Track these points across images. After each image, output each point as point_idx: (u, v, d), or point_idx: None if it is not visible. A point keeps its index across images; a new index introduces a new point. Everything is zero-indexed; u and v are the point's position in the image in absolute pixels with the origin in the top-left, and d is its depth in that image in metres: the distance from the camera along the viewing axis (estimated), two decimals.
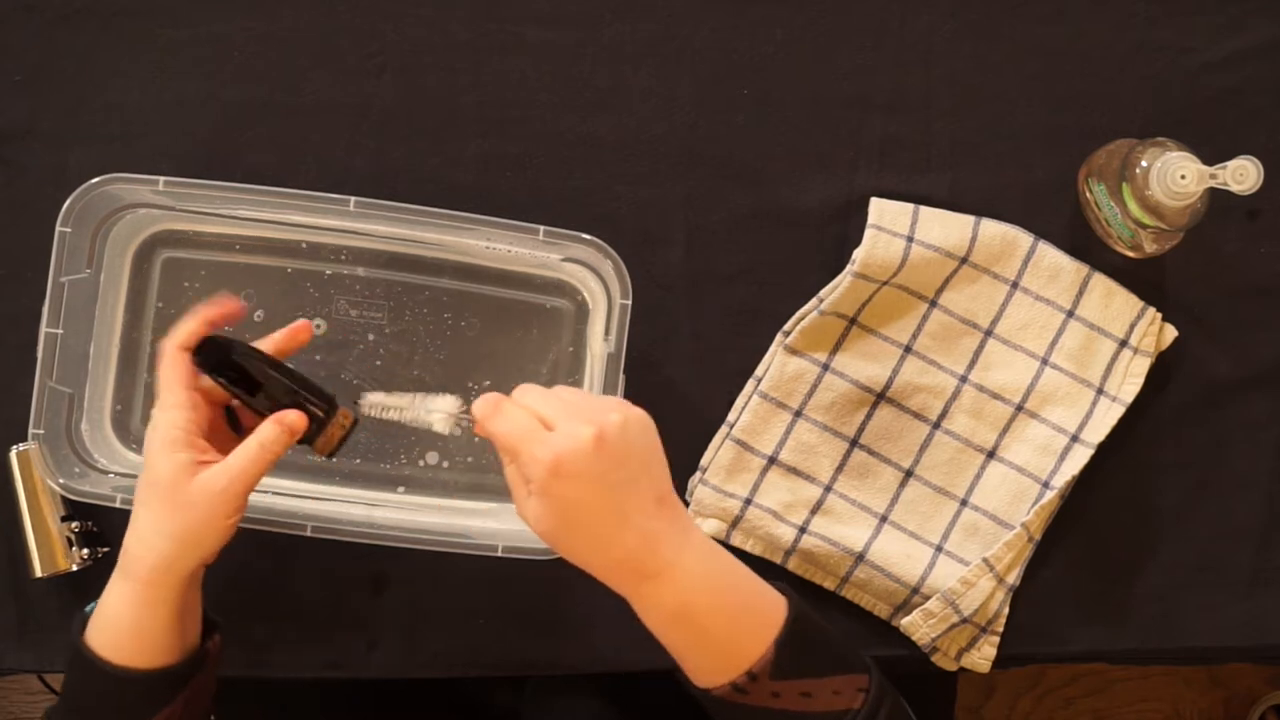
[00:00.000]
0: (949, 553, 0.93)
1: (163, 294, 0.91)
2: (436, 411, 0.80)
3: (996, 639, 0.93)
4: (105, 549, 0.89)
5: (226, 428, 0.81)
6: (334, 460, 0.88)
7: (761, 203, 0.94)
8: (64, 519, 0.88)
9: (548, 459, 0.68)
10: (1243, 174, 0.82)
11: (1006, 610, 0.93)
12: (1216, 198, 0.85)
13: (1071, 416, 0.93)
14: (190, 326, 0.78)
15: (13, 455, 0.88)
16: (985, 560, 0.91)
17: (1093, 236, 0.95)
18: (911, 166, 0.95)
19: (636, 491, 0.71)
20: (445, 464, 0.92)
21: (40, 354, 0.84)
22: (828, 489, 0.93)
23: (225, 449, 0.76)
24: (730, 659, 0.72)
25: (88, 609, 0.78)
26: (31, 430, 0.84)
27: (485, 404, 0.72)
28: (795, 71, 0.95)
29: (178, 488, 0.74)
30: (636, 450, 0.71)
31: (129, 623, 0.75)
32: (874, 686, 0.74)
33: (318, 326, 0.91)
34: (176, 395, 0.76)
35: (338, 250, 0.91)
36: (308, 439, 0.78)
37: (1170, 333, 0.94)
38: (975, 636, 0.93)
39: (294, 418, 0.76)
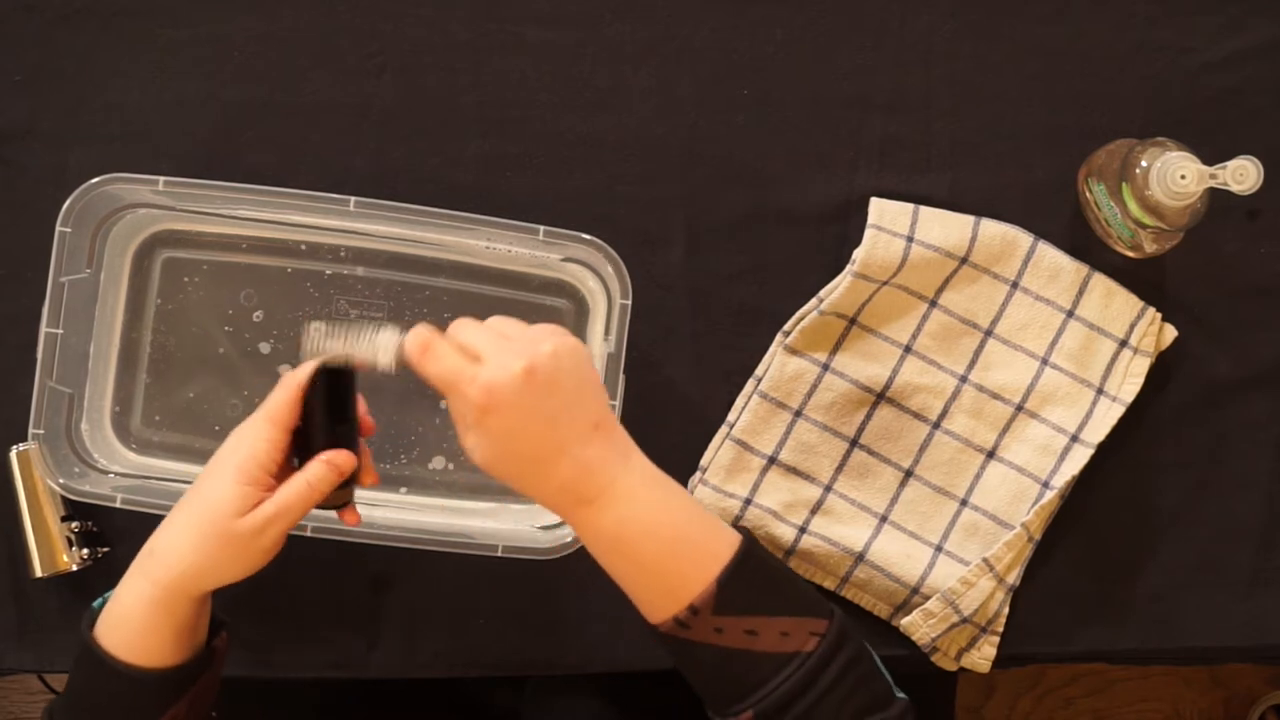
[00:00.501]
0: (949, 553, 0.93)
1: (163, 294, 0.91)
2: (379, 349, 0.76)
3: (996, 639, 0.93)
4: (105, 549, 0.90)
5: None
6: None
7: (761, 203, 0.94)
8: (64, 519, 0.88)
9: (478, 394, 0.69)
10: (1243, 174, 0.82)
11: (1006, 610, 0.93)
12: (1216, 198, 0.85)
13: (1071, 416, 0.93)
14: (310, 368, 0.77)
15: (13, 455, 0.88)
16: (985, 560, 0.91)
17: (1093, 236, 0.95)
18: (911, 166, 0.95)
19: (571, 419, 0.71)
20: (449, 465, 0.92)
21: (40, 354, 0.84)
22: (828, 489, 0.93)
23: (282, 479, 0.76)
24: (671, 591, 0.72)
25: (96, 604, 0.78)
26: (31, 430, 0.84)
27: (415, 343, 0.72)
28: (795, 71, 0.95)
29: (229, 517, 0.74)
30: (569, 379, 0.71)
31: (142, 623, 0.74)
32: (832, 632, 0.72)
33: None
34: (271, 430, 0.75)
35: (338, 250, 0.91)
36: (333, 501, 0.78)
37: (1170, 333, 0.94)
38: (975, 636, 0.93)
39: (343, 459, 0.76)
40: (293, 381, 0.76)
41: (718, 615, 0.71)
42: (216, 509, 0.74)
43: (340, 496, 0.78)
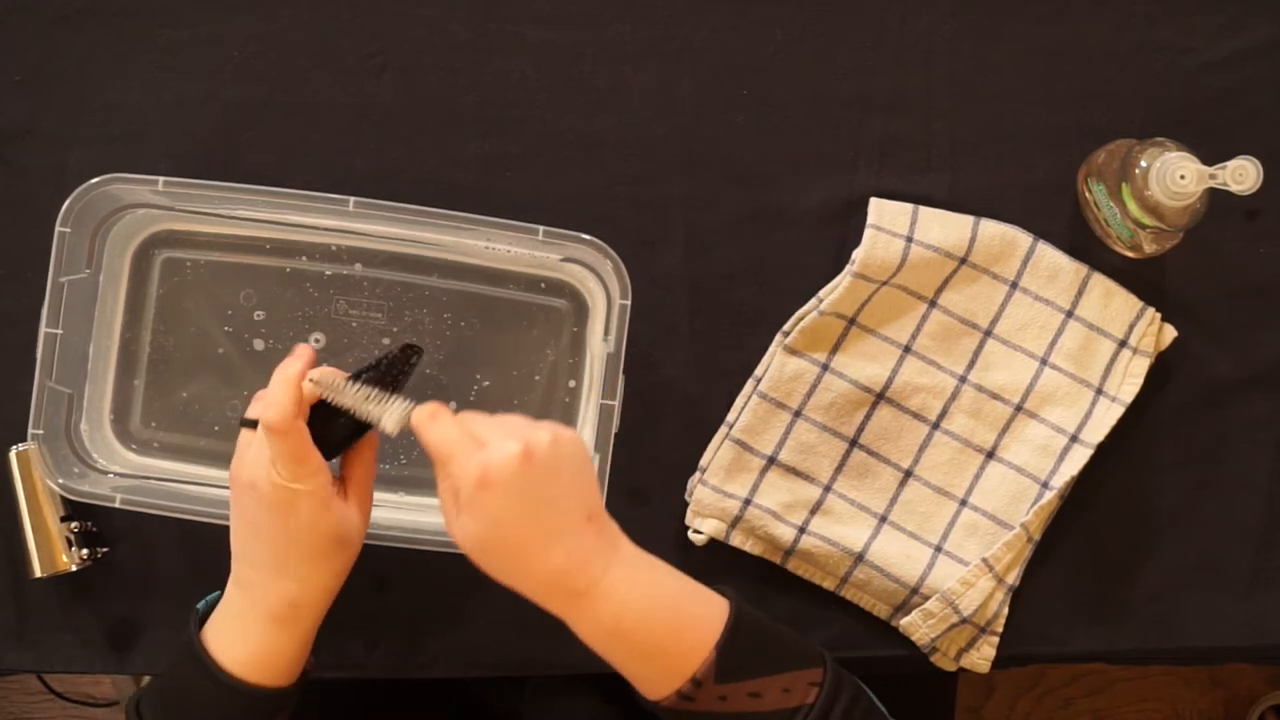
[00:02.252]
0: (948, 553, 0.93)
1: (162, 294, 0.91)
2: (388, 410, 0.76)
3: (996, 639, 0.93)
4: (105, 549, 0.90)
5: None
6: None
7: (761, 203, 0.94)
8: (64, 519, 0.88)
9: (475, 470, 0.69)
10: (1242, 174, 0.82)
11: (1006, 610, 0.93)
12: (1216, 198, 0.85)
13: (1071, 417, 0.93)
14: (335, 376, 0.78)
15: (12, 455, 0.88)
16: (985, 560, 0.91)
17: (1092, 236, 0.95)
18: (911, 166, 0.95)
19: (565, 508, 0.71)
20: None
21: (40, 354, 0.84)
22: (827, 489, 0.93)
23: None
24: (672, 668, 0.72)
25: (200, 605, 0.79)
26: (31, 430, 0.84)
27: (424, 411, 0.73)
28: (795, 71, 0.95)
29: (328, 537, 0.75)
30: (565, 467, 0.71)
31: (259, 639, 0.75)
32: (828, 680, 0.73)
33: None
34: (312, 463, 0.74)
35: (337, 250, 0.91)
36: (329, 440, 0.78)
37: (1170, 333, 0.94)
38: (975, 637, 0.93)
39: (300, 350, 0.77)
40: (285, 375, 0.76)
41: (720, 684, 0.72)
42: (314, 534, 0.75)
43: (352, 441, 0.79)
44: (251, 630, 0.75)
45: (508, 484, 0.69)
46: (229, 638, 0.76)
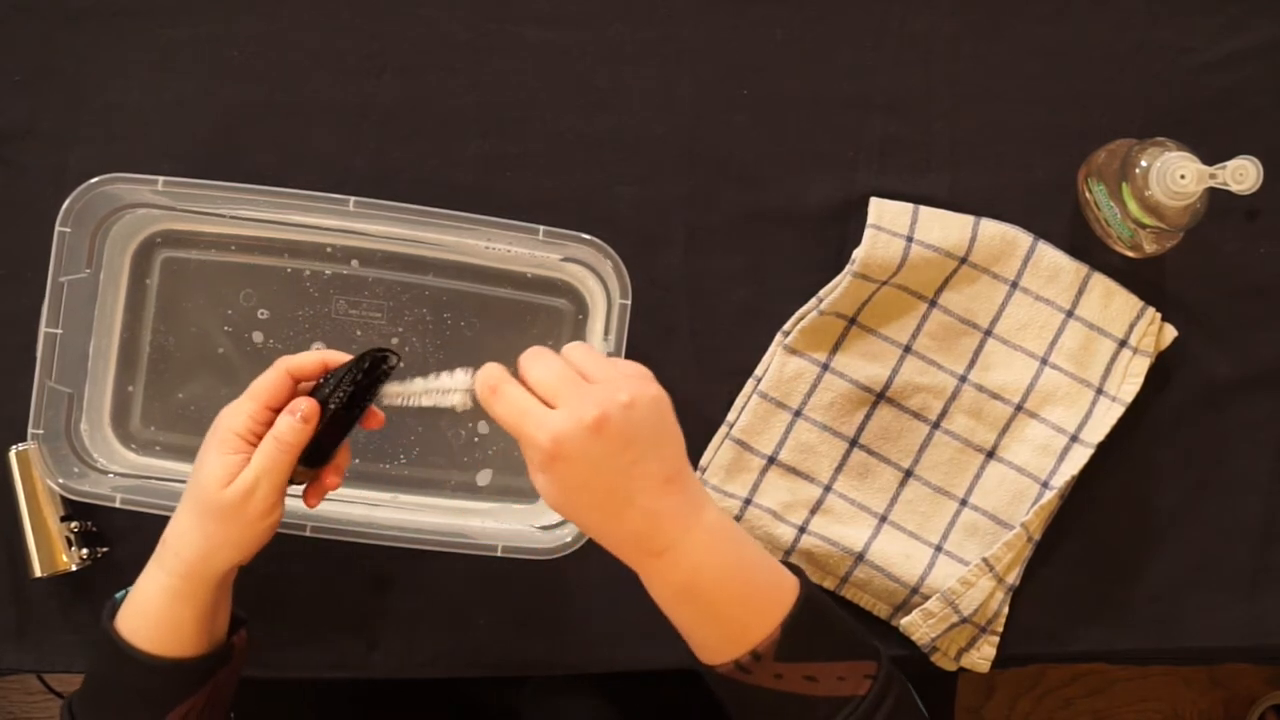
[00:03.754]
0: (948, 553, 0.93)
1: (162, 294, 0.91)
2: (452, 391, 0.77)
3: (996, 639, 0.93)
4: (105, 549, 0.90)
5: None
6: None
7: (761, 203, 0.94)
8: (63, 519, 0.88)
9: (545, 442, 0.67)
10: (1242, 174, 0.82)
11: (1006, 610, 0.93)
12: (1216, 198, 0.85)
13: (1071, 416, 0.93)
14: (312, 361, 0.77)
15: (12, 455, 0.88)
16: (985, 560, 0.91)
17: (1092, 236, 0.95)
18: (911, 166, 0.95)
19: (643, 473, 0.69)
20: (448, 464, 0.92)
21: (40, 354, 0.84)
22: (827, 489, 0.93)
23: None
24: (736, 638, 0.71)
25: (118, 596, 0.79)
26: (31, 430, 0.84)
27: (484, 385, 0.71)
28: (795, 71, 0.95)
29: (216, 489, 0.74)
30: (643, 433, 0.69)
31: (160, 613, 0.75)
32: (881, 675, 0.73)
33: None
34: (252, 404, 0.75)
35: (338, 250, 0.91)
36: (304, 458, 0.77)
37: (1170, 333, 0.94)
38: (975, 636, 0.93)
39: (305, 405, 0.75)
40: (283, 364, 0.76)
41: (779, 662, 0.71)
42: (204, 484, 0.74)
43: (305, 474, 0.78)
44: (158, 599, 0.75)
45: (580, 454, 0.67)
46: (136, 617, 0.76)
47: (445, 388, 0.77)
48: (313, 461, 0.77)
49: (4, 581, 0.91)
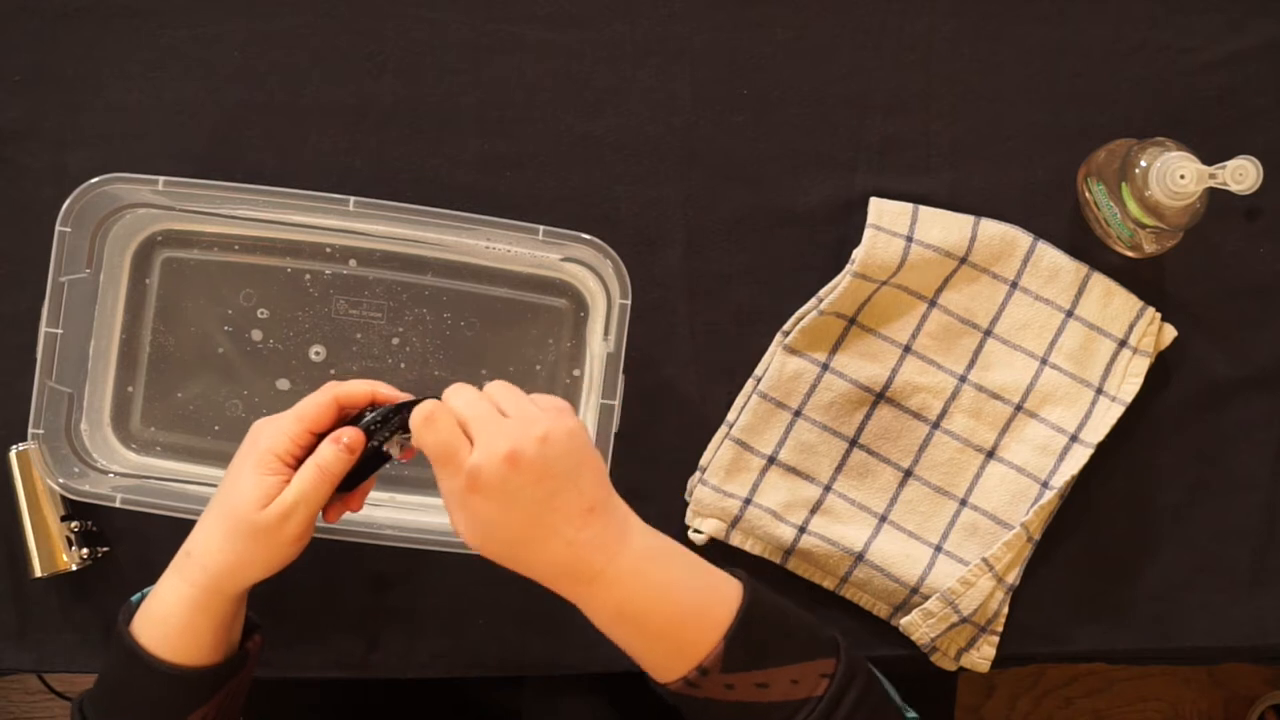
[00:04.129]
0: (948, 553, 0.93)
1: (162, 294, 0.91)
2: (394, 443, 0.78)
3: (996, 639, 0.93)
4: (105, 549, 0.90)
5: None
6: None
7: (761, 203, 0.94)
8: (64, 519, 0.88)
9: (461, 476, 0.69)
10: (1242, 174, 0.82)
11: (1006, 610, 0.93)
12: (1216, 198, 0.85)
13: (1071, 416, 0.93)
14: (361, 392, 0.77)
15: (12, 455, 0.88)
16: (985, 560, 0.91)
17: (1092, 236, 0.95)
18: (911, 166, 0.95)
19: (563, 504, 0.70)
20: None
21: (40, 354, 0.84)
22: (827, 489, 0.93)
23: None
24: (679, 655, 0.72)
25: (134, 599, 0.79)
26: (31, 430, 0.84)
27: (419, 411, 0.71)
28: (795, 71, 0.95)
29: (252, 510, 0.74)
30: (559, 465, 0.70)
31: (179, 622, 0.75)
32: (840, 672, 0.72)
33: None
34: (296, 427, 0.75)
35: (338, 250, 0.91)
36: (343, 487, 0.78)
37: (1170, 333, 0.94)
38: (975, 636, 0.93)
39: (351, 435, 0.75)
40: (331, 390, 0.76)
41: (727, 673, 0.71)
42: (240, 503, 0.74)
43: (333, 497, 0.78)
44: (178, 609, 0.75)
45: (495, 488, 0.69)
46: (154, 624, 0.76)
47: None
48: (344, 487, 0.77)
49: (4, 581, 0.91)
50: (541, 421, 0.70)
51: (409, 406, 0.75)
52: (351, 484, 0.78)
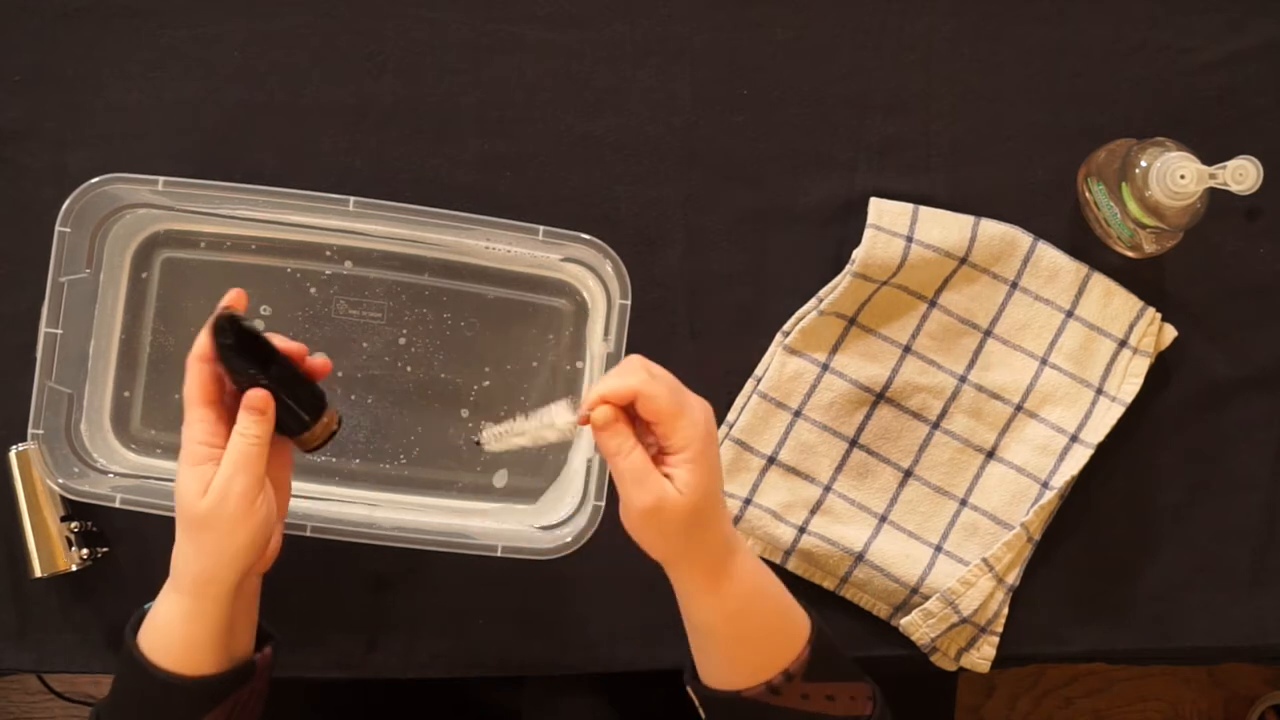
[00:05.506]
0: (948, 553, 0.93)
1: (162, 294, 0.91)
2: (553, 427, 0.76)
3: (996, 639, 0.93)
4: (105, 549, 0.90)
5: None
6: (332, 461, 0.88)
7: (761, 203, 0.94)
8: (63, 519, 0.88)
9: (702, 420, 0.70)
10: (1242, 174, 0.82)
11: (1006, 610, 0.93)
12: (1216, 198, 0.85)
13: (1071, 416, 0.93)
14: (205, 337, 0.76)
15: (12, 455, 0.88)
16: (985, 560, 0.91)
17: (1092, 236, 0.95)
18: (911, 166, 0.95)
19: (720, 498, 0.74)
20: (448, 464, 0.92)
21: (40, 354, 0.84)
22: (827, 489, 0.93)
23: (278, 459, 0.76)
24: (772, 658, 0.74)
25: (145, 607, 0.78)
26: (31, 430, 0.84)
27: (633, 371, 0.70)
28: (795, 71, 0.95)
29: (194, 501, 0.73)
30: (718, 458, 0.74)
31: (175, 631, 0.75)
32: (878, 693, 0.77)
33: (319, 356, 0.90)
34: (196, 410, 0.75)
35: (338, 250, 0.91)
36: (292, 431, 0.76)
37: (1170, 333, 0.94)
38: (975, 636, 0.93)
39: (257, 397, 0.73)
40: (193, 357, 0.74)
41: (807, 681, 0.74)
42: (184, 501, 0.73)
43: (319, 435, 0.77)
44: (173, 618, 0.75)
45: (715, 435, 0.71)
46: (154, 633, 0.76)
47: (546, 424, 0.76)
48: (300, 420, 0.76)
49: (4, 581, 0.91)
50: (708, 410, 0.73)
51: (222, 338, 0.74)
52: (305, 408, 0.76)
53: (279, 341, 0.76)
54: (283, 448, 0.78)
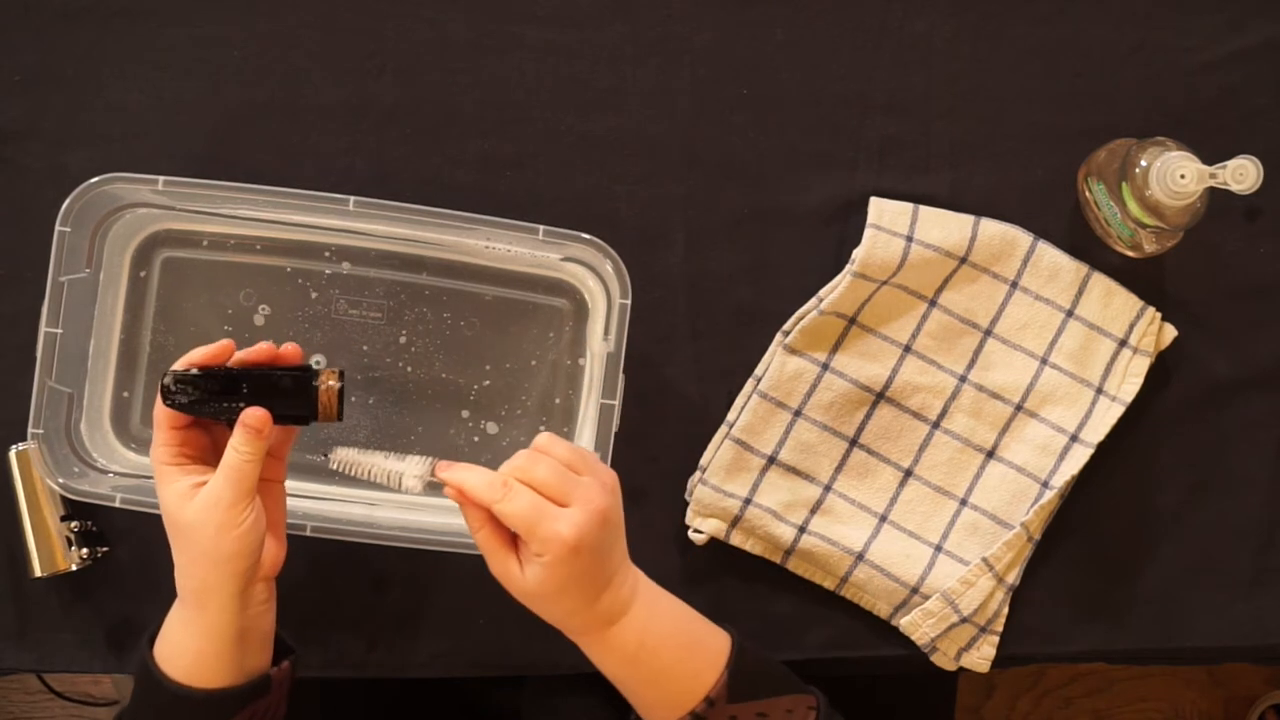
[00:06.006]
0: (948, 552, 0.93)
1: (162, 294, 0.91)
2: (408, 474, 0.78)
3: (996, 639, 0.93)
4: (105, 549, 0.90)
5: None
6: (332, 462, 0.88)
7: (761, 203, 0.94)
8: (63, 519, 0.88)
9: (570, 537, 0.70)
10: (1243, 174, 0.82)
11: (1006, 610, 0.93)
12: (1216, 198, 0.85)
13: (1071, 416, 0.93)
14: (163, 411, 0.76)
15: (12, 455, 0.88)
16: (985, 560, 0.91)
17: (1092, 236, 0.95)
18: (911, 166, 0.95)
19: (616, 553, 0.75)
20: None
21: (40, 354, 0.84)
22: (827, 489, 0.93)
23: (270, 468, 0.77)
24: (687, 690, 0.75)
25: (168, 616, 0.78)
26: (31, 430, 0.84)
27: (494, 488, 0.71)
28: (795, 71, 0.95)
29: (181, 515, 0.73)
30: (620, 514, 0.75)
31: (183, 644, 0.75)
32: (823, 705, 0.77)
33: (317, 362, 0.90)
34: (160, 433, 0.76)
35: (338, 250, 0.91)
36: (304, 417, 0.76)
37: (1170, 332, 0.94)
38: (975, 636, 0.93)
39: (253, 416, 0.73)
40: (166, 428, 0.76)
41: (731, 704, 0.74)
42: (168, 514, 0.74)
43: (329, 406, 0.76)
44: (180, 631, 0.75)
45: (593, 545, 0.71)
46: (166, 645, 0.76)
47: (402, 470, 0.78)
48: (300, 413, 0.76)
49: (4, 581, 0.91)
50: (606, 474, 0.74)
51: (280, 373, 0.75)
52: (298, 414, 0.76)
53: (239, 357, 0.76)
54: (273, 459, 0.78)
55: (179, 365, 0.75)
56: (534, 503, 0.71)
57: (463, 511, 0.74)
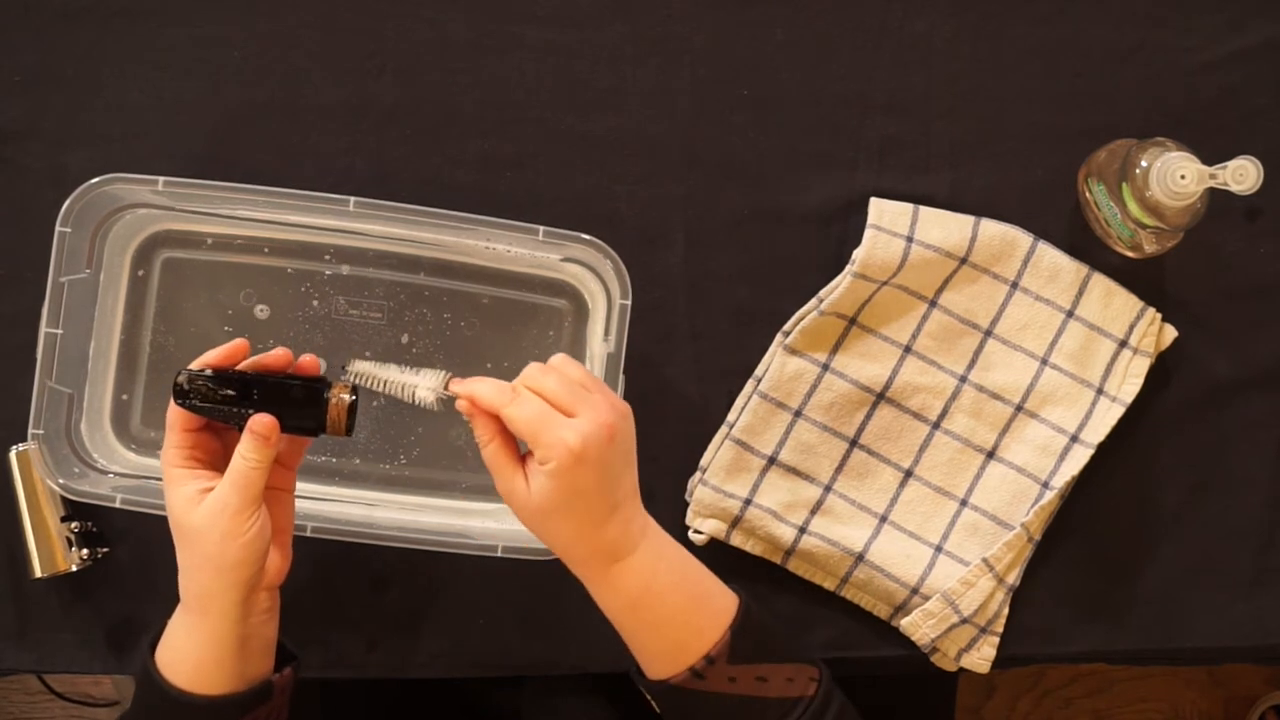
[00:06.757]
0: (949, 553, 0.93)
1: (162, 294, 0.91)
2: (422, 386, 0.79)
3: (996, 639, 0.93)
4: (105, 549, 0.90)
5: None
6: (332, 461, 0.88)
7: (761, 203, 0.94)
8: (64, 519, 0.88)
9: (575, 445, 0.70)
10: (1243, 174, 0.82)
11: (1006, 610, 0.93)
12: (1216, 198, 0.85)
13: (1071, 417, 0.93)
14: (175, 412, 0.76)
15: (12, 455, 0.88)
16: (985, 560, 0.91)
17: (1093, 236, 0.95)
18: (911, 166, 0.95)
19: (626, 481, 0.75)
20: (448, 464, 0.92)
21: (40, 354, 0.84)
22: (827, 489, 0.93)
23: (278, 477, 0.77)
24: (687, 645, 0.74)
25: (170, 621, 0.78)
26: (31, 430, 0.84)
27: (502, 389, 0.73)
28: (795, 71, 0.95)
29: (186, 519, 0.73)
30: (632, 443, 0.75)
31: (184, 650, 0.75)
32: (825, 677, 0.77)
33: (343, 370, 0.90)
34: (172, 435, 0.76)
35: (338, 250, 0.91)
36: (312, 429, 0.77)
37: (1170, 333, 0.94)
38: (975, 637, 0.93)
39: (261, 423, 0.74)
40: (177, 429, 0.75)
41: (732, 664, 0.74)
42: (175, 518, 0.74)
43: (339, 418, 0.76)
44: (182, 636, 0.75)
45: (597, 459, 0.71)
46: (168, 650, 0.76)
47: (417, 383, 0.79)
48: (309, 424, 0.76)
49: (4, 581, 0.91)
50: (618, 401, 0.75)
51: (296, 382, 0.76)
52: (307, 425, 0.77)
53: (257, 361, 0.76)
54: (282, 468, 0.78)
55: (194, 365, 0.75)
56: (541, 408, 0.72)
57: (472, 424, 0.74)
